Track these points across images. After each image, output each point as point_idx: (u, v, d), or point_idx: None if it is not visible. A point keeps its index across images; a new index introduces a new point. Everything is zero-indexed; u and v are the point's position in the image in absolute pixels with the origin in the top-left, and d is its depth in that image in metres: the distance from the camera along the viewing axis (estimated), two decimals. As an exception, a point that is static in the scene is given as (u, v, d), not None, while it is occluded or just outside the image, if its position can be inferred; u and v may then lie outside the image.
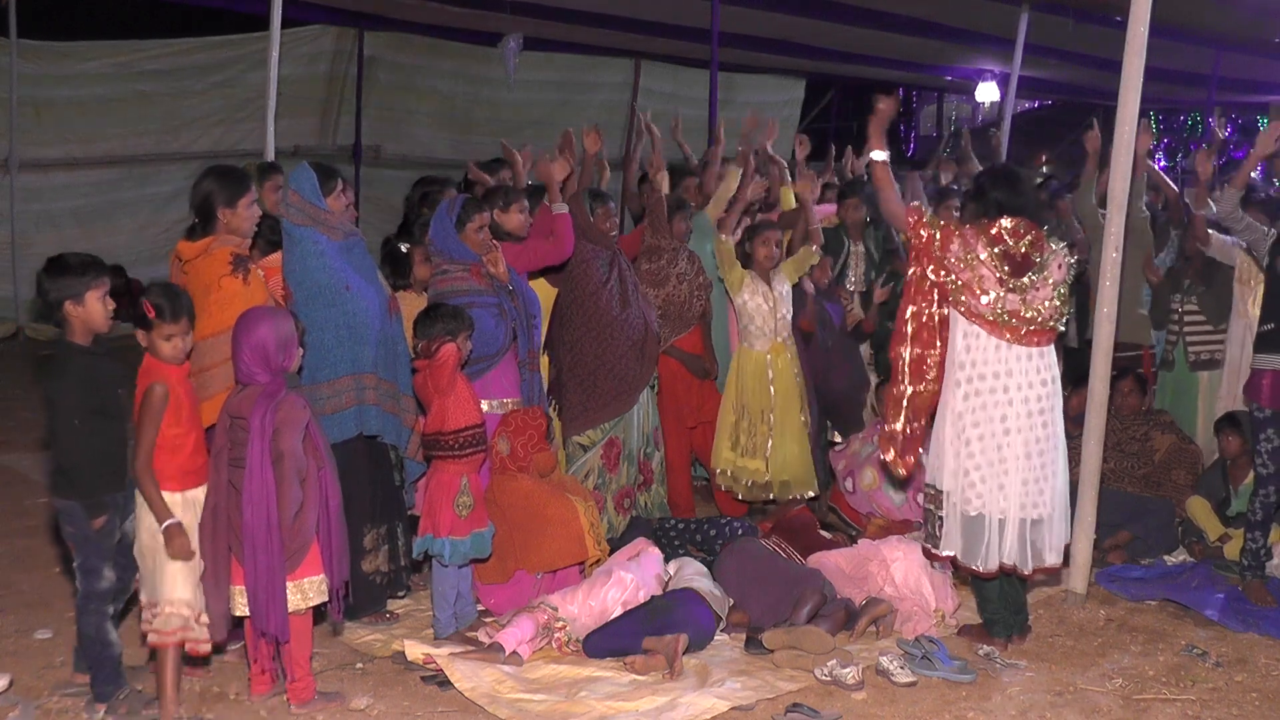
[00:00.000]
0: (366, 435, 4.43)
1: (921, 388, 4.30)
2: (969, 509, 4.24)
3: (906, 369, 4.30)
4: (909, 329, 4.29)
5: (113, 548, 3.79)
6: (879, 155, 4.40)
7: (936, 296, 4.26)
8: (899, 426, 4.33)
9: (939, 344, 4.28)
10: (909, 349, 4.29)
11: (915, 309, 4.28)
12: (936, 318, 4.27)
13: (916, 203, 4.45)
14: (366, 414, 4.40)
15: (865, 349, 6.60)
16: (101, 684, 3.79)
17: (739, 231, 5.85)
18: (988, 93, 15.47)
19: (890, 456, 4.36)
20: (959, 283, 4.17)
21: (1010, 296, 4.15)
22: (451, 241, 4.79)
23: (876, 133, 4.42)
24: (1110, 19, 9.63)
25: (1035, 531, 4.25)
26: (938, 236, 4.18)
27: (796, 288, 5.99)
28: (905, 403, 4.31)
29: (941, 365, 4.30)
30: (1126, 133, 4.76)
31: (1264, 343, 5.02)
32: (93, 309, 3.65)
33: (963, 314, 4.20)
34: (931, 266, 4.21)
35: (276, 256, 4.31)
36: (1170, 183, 6.71)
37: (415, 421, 4.55)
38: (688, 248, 5.99)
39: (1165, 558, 5.57)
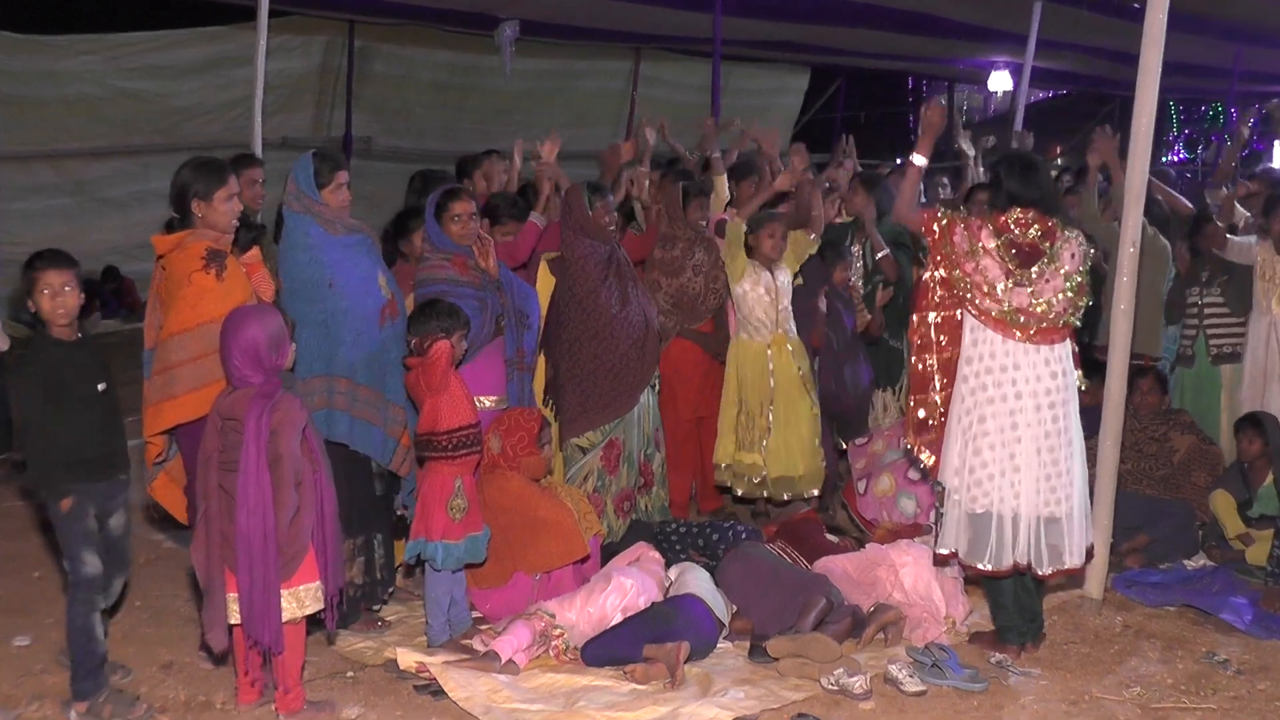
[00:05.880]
0: (332, 442, 4.39)
1: (940, 392, 4.33)
2: (975, 507, 4.25)
3: (927, 375, 4.35)
4: (924, 336, 4.34)
5: (89, 533, 3.84)
6: (919, 160, 4.48)
7: (949, 299, 4.29)
8: (926, 434, 4.37)
9: (953, 348, 4.31)
10: (928, 356, 4.34)
11: (931, 314, 4.32)
12: (950, 322, 4.31)
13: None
14: (334, 419, 4.33)
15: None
16: (81, 680, 3.81)
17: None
18: (1000, 82, 15.45)
19: (929, 458, 4.39)
20: (965, 277, 4.19)
21: (1018, 290, 4.16)
22: (434, 231, 4.83)
23: (926, 141, 4.49)
24: (1127, 8, 9.62)
25: (1052, 531, 4.24)
26: (946, 227, 4.25)
27: (808, 301, 5.97)
28: (927, 408, 4.34)
29: (956, 368, 4.33)
30: (1145, 124, 4.75)
31: None
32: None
33: (972, 314, 4.22)
34: (942, 260, 4.25)
35: (255, 252, 4.30)
36: (1171, 191, 6.67)
37: (403, 434, 4.51)
38: (705, 237, 5.95)
39: (1185, 562, 5.55)
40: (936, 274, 4.30)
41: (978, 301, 4.19)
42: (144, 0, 12.78)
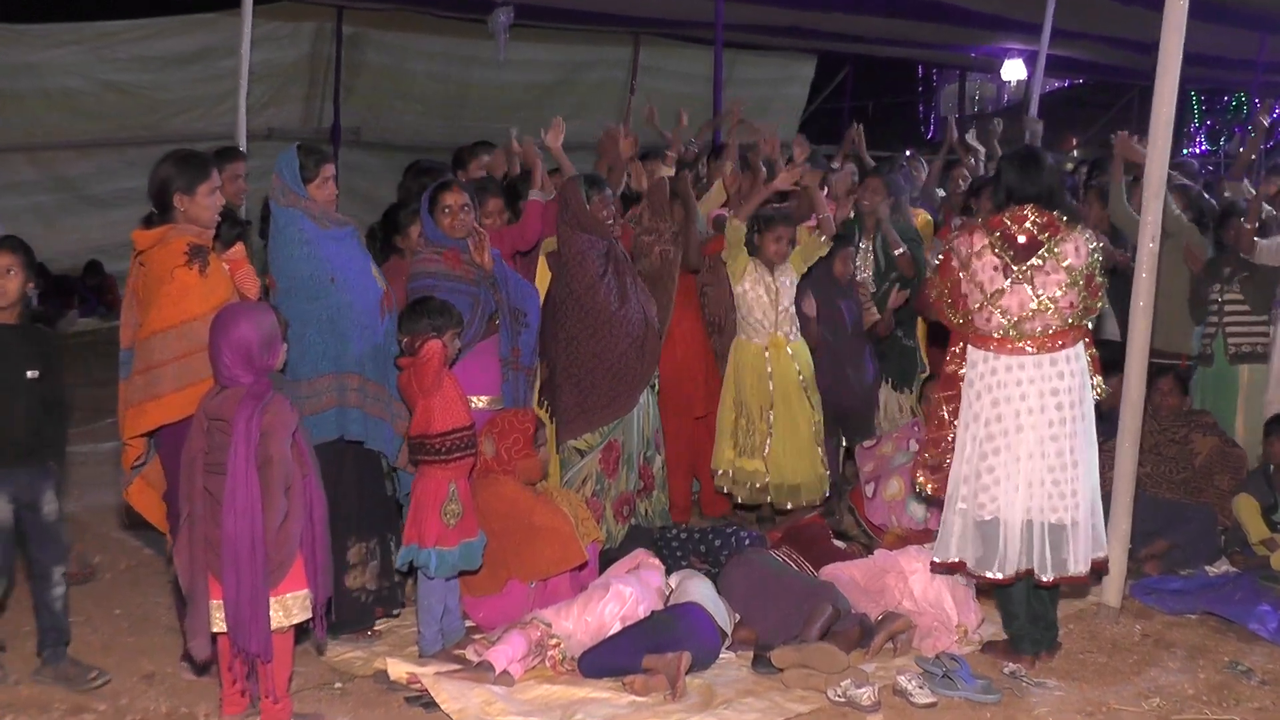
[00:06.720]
0: (348, 440, 4.41)
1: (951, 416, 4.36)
2: (983, 514, 4.25)
3: (946, 412, 4.36)
4: (946, 371, 4.38)
5: None
6: None
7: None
8: (941, 464, 4.37)
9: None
10: (947, 392, 4.37)
11: (950, 348, 4.37)
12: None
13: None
14: (347, 417, 4.38)
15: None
16: None
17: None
18: (1014, 71, 15.43)
19: (931, 488, 4.41)
20: (966, 291, 4.25)
21: (1017, 288, 4.17)
22: (428, 225, 4.87)
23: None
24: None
25: (1057, 537, 4.23)
26: (947, 252, 4.35)
27: (798, 309, 5.97)
28: (945, 444, 4.35)
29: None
30: (1165, 115, 4.73)
31: None
32: None
33: (974, 338, 4.27)
34: (953, 283, 4.32)
35: (239, 248, 4.29)
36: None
37: (407, 429, 4.53)
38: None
39: (1206, 568, 5.54)
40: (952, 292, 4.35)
41: (976, 323, 4.23)
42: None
